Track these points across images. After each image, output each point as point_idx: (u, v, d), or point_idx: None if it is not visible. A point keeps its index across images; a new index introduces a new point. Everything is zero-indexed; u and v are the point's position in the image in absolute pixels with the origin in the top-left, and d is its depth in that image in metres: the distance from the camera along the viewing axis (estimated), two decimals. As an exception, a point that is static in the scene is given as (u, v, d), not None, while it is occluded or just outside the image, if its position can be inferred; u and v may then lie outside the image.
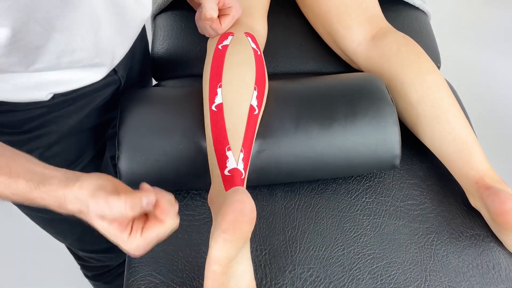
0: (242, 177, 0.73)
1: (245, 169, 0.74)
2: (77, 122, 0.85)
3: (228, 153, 0.73)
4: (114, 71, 0.86)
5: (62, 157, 0.86)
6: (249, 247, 0.72)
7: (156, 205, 0.59)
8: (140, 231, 0.58)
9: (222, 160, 0.73)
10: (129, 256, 0.81)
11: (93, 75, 0.80)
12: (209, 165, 0.76)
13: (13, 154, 0.61)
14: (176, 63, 1.07)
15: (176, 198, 0.86)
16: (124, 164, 0.80)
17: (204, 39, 0.94)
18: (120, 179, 0.82)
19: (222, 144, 0.74)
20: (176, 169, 0.81)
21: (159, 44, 1.09)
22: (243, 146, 0.75)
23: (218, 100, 0.77)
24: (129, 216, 0.57)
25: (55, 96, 0.77)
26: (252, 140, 0.78)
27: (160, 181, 0.83)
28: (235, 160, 0.73)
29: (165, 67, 1.07)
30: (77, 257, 1.15)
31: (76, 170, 0.88)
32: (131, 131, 0.81)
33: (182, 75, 1.06)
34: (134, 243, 0.58)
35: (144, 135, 0.80)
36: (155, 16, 1.16)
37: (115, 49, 0.80)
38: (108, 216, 0.57)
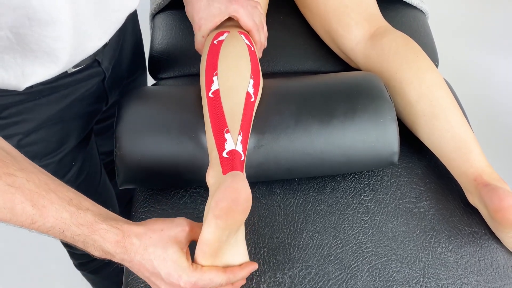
0: (242, 159, 0.72)
1: (244, 151, 0.74)
2: (58, 112, 0.84)
3: (227, 136, 0.73)
4: (97, 62, 0.85)
5: (41, 145, 0.86)
6: (244, 230, 0.72)
7: None
8: None
9: (220, 143, 0.73)
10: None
11: (59, 64, 0.74)
12: (208, 149, 0.75)
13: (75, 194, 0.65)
14: (175, 63, 1.07)
15: (174, 196, 0.87)
16: (121, 161, 0.80)
17: (203, 38, 0.95)
18: (118, 176, 0.82)
19: (220, 127, 0.74)
20: (174, 166, 0.81)
21: (157, 44, 1.09)
22: (241, 128, 0.74)
23: (214, 87, 0.77)
24: None
25: (34, 85, 0.76)
26: (250, 123, 0.77)
27: (158, 179, 0.84)
28: (234, 142, 0.72)
29: (164, 66, 1.07)
30: (65, 244, 1.14)
31: (55, 159, 0.89)
32: (128, 129, 0.81)
33: (181, 74, 1.07)
34: None
35: (141, 132, 0.80)
36: (153, 16, 1.16)
37: (90, 30, 0.75)
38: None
